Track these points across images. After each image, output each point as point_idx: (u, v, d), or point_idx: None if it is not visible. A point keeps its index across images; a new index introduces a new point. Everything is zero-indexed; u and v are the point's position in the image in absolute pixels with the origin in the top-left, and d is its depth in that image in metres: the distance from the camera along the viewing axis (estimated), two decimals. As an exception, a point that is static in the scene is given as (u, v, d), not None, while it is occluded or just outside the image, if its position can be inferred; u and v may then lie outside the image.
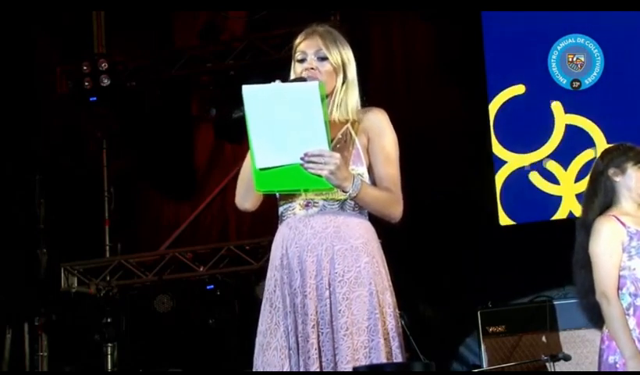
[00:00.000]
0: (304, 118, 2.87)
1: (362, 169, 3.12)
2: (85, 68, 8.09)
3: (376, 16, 7.61)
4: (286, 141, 2.90)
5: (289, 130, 2.89)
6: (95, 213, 8.37)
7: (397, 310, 3.14)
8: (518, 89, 6.92)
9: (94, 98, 8.11)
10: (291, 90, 2.94)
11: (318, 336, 3.01)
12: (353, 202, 3.10)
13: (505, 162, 6.90)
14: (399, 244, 7.27)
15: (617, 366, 3.76)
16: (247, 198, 3.21)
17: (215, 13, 8.22)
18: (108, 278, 8.14)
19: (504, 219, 6.85)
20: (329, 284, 3.04)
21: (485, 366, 6.06)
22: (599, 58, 6.74)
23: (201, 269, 7.84)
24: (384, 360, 2.99)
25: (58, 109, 8.39)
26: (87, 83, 8.08)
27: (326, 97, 3.02)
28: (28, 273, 7.85)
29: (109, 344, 7.99)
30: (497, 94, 6.96)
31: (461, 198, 7.00)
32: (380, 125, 3.19)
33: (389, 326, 3.07)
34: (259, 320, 3.15)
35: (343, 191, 2.99)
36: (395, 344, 3.07)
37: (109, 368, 8.01)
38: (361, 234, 3.12)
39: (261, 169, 2.96)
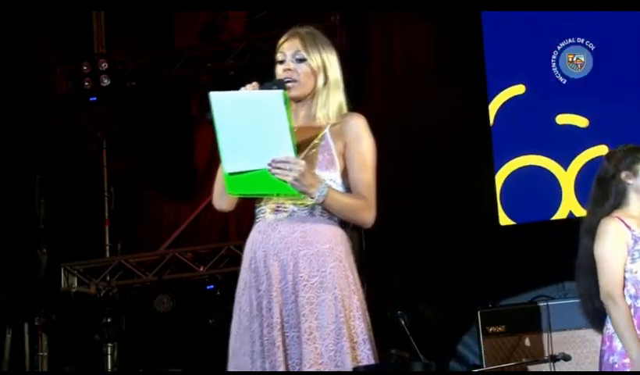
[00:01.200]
0: (269, 125, 2.93)
1: (334, 175, 3.14)
2: (85, 68, 8.10)
3: (376, 16, 7.61)
4: (254, 147, 2.97)
5: (256, 136, 2.95)
6: (95, 213, 8.37)
7: (367, 313, 3.16)
8: (518, 89, 6.92)
9: (94, 98, 8.12)
10: (256, 98, 3.00)
11: (284, 340, 3.03)
12: (322, 208, 3.11)
13: (505, 162, 6.90)
14: (399, 244, 7.29)
15: (616, 366, 3.76)
16: (222, 199, 3.27)
17: (215, 13, 8.22)
18: (108, 278, 8.14)
19: (504, 219, 6.85)
20: (294, 289, 3.06)
21: (485, 366, 6.06)
22: (598, 57, 6.74)
23: (201, 269, 7.84)
24: (350, 364, 3.01)
25: (58, 109, 8.39)
26: (87, 83, 8.08)
27: (298, 103, 3.09)
28: (28, 273, 7.84)
29: (109, 344, 7.98)
30: (497, 94, 6.96)
31: (461, 198, 7.01)
32: (357, 130, 3.23)
33: (357, 330, 3.09)
34: (232, 321, 3.19)
35: (310, 197, 3.03)
36: (366, 347, 3.10)
37: (109, 368, 8.01)
38: (329, 239, 3.13)
39: (231, 174, 3.03)
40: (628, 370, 3.73)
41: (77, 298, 8.11)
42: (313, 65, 3.21)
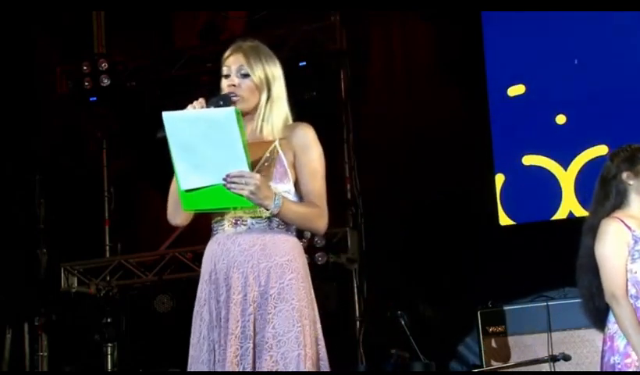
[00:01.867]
0: (223, 141, 2.98)
1: (288, 186, 3.17)
2: (85, 68, 8.09)
3: (376, 16, 7.61)
4: (208, 164, 3.03)
5: (210, 152, 3.01)
6: (95, 213, 8.37)
7: (319, 324, 3.20)
8: (518, 89, 6.92)
9: (94, 98, 8.12)
10: (209, 116, 3.03)
11: (237, 349, 3.07)
12: (279, 220, 3.16)
13: (506, 162, 6.90)
14: (399, 244, 7.29)
15: (618, 366, 3.76)
16: (176, 214, 3.35)
17: (215, 13, 8.22)
18: (108, 278, 8.14)
19: (504, 219, 6.85)
20: (254, 300, 3.11)
21: (485, 366, 6.06)
22: (597, 57, 6.75)
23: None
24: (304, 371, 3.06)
25: (58, 109, 8.39)
26: (87, 83, 8.08)
27: (244, 118, 3.09)
28: (28, 273, 7.85)
29: (109, 344, 7.99)
30: (497, 94, 6.97)
31: (461, 198, 7.01)
32: (305, 141, 3.22)
33: (314, 339, 3.14)
34: (192, 331, 3.23)
35: (266, 209, 3.08)
36: (321, 354, 3.16)
37: (109, 368, 8.01)
38: (287, 252, 3.17)
39: (187, 190, 3.12)
40: (630, 370, 3.73)
41: (77, 298, 8.11)
42: (256, 80, 3.23)
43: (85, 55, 8.28)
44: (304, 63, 7.40)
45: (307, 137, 3.22)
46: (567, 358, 5.41)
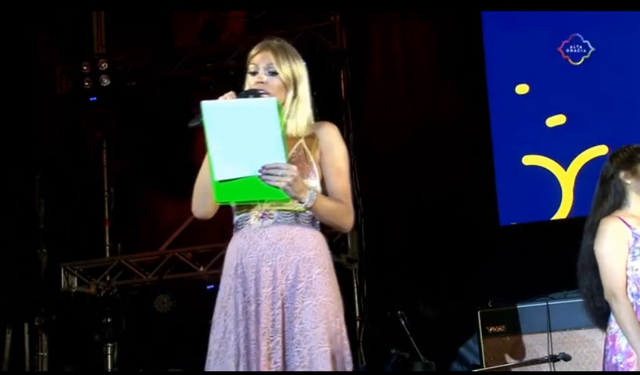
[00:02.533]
0: (261, 132, 2.96)
1: (315, 183, 3.19)
2: (85, 68, 8.09)
3: (376, 16, 7.61)
4: (245, 154, 3.00)
5: (248, 143, 2.98)
6: (95, 213, 8.37)
7: (344, 321, 3.21)
8: (518, 89, 6.92)
9: (94, 98, 8.12)
10: (249, 105, 3.03)
11: (268, 343, 3.08)
12: (307, 214, 3.18)
13: (506, 162, 6.90)
14: (399, 244, 7.29)
15: (621, 366, 3.76)
16: (204, 206, 3.31)
17: (215, 13, 8.22)
18: (108, 278, 8.14)
19: (504, 220, 6.85)
20: (282, 294, 3.11)
21: (485, 366, 6.06)
22: (597, 57, 6.75)
23: (201, 269, 7.84)
24: (330, 369, 3.05)
25: (58, 109, 8.39)
26: (87, 83, 8.08)
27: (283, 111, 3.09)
28: (28, 273, 7.85)
29: (109, 344, 7.99)
30: (497, 94, 6.97)
31: (461, 198, 7.01)
32: (330, 139, 3.26)
33: (339, 335, 3.16)
34: (212, 326, 3.24)
35: (300, 202, 3.08)
36: (346, 353, 3.17)
37: (109, 368, 8.01)
38: (314, 246, 3.18)
39: (220, 181, 3.05)
40: (633, 370, 3.73)
41: (77, 298, 8.11)
42: (284, 78, 3.25)
43: (85, 55, 8.28)
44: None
45: (333, 136, 3.26)
46: (567, 358, 5.41)
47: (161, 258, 7.98)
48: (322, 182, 3.22)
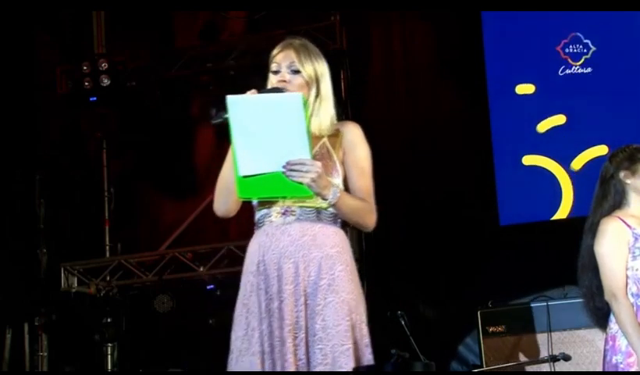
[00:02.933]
0: (286, 128, 2.95)
1: (338, 181, 3.19)
2: (85, 68, 8.09)
3: (376, 16, 7.61)
4: (269, 150, 2.98)
5: (272, 139, 2.97)
6: (95, 213, 8.37)
7: (365, 319, 3.20)
8: (518, 89, 6.92)
9: (94, 98, 8.11)
10: (275, 101, 3.01)
11: (294, 339, 3.08)
12: (329, 211, 3.18)
13: (506, 162, 6.90)
14: (399, 244, 7.29)
15: (621, 366, 3.76)
16: (226, 204, 3.28)
17: (215, 13, 8.22)
18: (108, 278, 8.14)
19: (504, 219, 6.85)
20: (305, 290, 3.11)
21: (485, 366, 6.06)
22: (597, 56, 6.75)
23: (201, 269, 7.84)
24: (352, 366, 3.06)
25: (58, 109, 8.38)
26: (87, 83, 8.08)
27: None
28: (28, 273, 7.84)
29: (109, 344, 7.98)
30: (497, 93, 6.97)
31: (461, 198, 7.01)
32: (354, 139, 3.27)
33: (362, 333, 3.16)
34: (234, 324, 3.21)
35: (323, 199, 3.07)
36: (367, 351, 3.17)
37: (109, 368, 8.01)
38: (336, 243, 3.19)
39: (244, 177, 3.03)
40: (633, 370, 3.73)
41: (77, 298, 8.11)
42: (306, 77, 3.25)
43: (85, 55, 8.28)
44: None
45: (356, 135, 3.27)
46: (567, 358, 5.41)
47: (161, 258, 7.98)
48: (345, 181, 3.22)
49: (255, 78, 3.22)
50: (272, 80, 3.25)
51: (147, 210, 8.53)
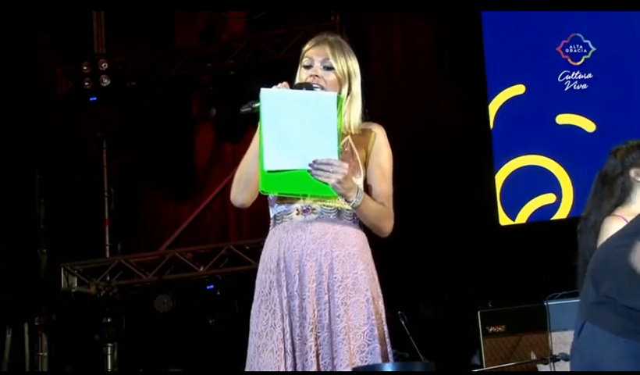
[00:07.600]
0: (318, 126, 2.93)
1: (359, 181, 3.16)
2: (85, 68, 8.09)
3: (376, 16, 7.61)
4: (297, 147, 2.95)
5: (302, 136, 2.94)
6: (95, 213, 8.37)
7: (385, 318, 3.19)
8: (518, 89, 6.92)
9: (94, 98, 8.11)
10: (310, 97, 3.00)
11: (316, 339, 3.05)
12: (349, 212, 3.16)
13: (505, 163, 6.90)
14: (399, 244, 7.28)
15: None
16: (244, 194, 3.22)
17: (215, 13, 8.22)
18: (108, 278, 8.14)
19: (504, 219, 6.85)
20: (328, 289, 3.09)
21: (485, 366, 6.06)
22: (597, 57, 6.75)
23: (201, 269, 7.84)
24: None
25: (58, 109, 8.38)
26: (87, 83, 8.08)
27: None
28: (28, 273, 7.85)
29: (109, 344, 7.99)
30: (497, 94, 6.97)
31: (461, 198, 7.01)
32: (378, 141, 3.23)
33: (384, 331, 3.14)
34: (251, 320, 3.18)
35: (347, 201, 3.05)
36: (390, 350, 3.15)
37: (109, 368, 8.01)
38: (357, 242, 3.18)
39: (269, 171, 2.99)
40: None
41: (77, 298, 8.11)
42: (339, 73, 3.22)
43: (85, 55, 8.28)
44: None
45: (381, 138, 3.23)
46: (567, 358, 5.41)
47: (161, 258, 7.98)
48: (365, 182, 3.19)
49: (255, 78, 3.21)
50: (303, 75, 3.21)
51: (147, 210, 8.53)
